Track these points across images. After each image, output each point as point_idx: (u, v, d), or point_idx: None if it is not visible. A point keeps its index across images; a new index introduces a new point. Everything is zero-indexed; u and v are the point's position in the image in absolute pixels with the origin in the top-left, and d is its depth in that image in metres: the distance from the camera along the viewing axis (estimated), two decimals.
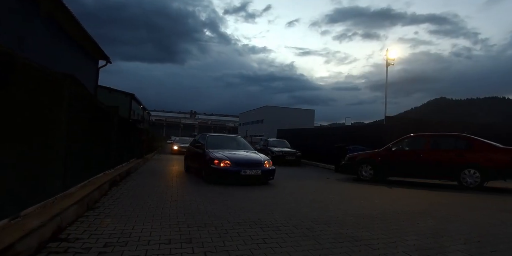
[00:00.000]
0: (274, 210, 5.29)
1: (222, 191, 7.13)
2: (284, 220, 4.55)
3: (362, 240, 3.72)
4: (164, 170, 11.67)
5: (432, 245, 3.60)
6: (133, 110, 32.30)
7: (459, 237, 3.97)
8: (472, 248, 3.54)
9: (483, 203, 6.77)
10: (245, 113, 78.70)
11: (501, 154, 8.69)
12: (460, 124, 15.42)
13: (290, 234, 3.86)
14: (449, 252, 3.37)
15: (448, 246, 3.59)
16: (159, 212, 4.78)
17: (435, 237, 3.95)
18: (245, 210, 5.19)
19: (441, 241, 3.79)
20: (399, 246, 3.53)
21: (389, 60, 18.44)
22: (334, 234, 3.90)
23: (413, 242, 3.71)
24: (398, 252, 3.33)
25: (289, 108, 67.98)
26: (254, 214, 4.87)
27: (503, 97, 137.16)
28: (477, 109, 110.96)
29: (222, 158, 8.52)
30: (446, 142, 9.64)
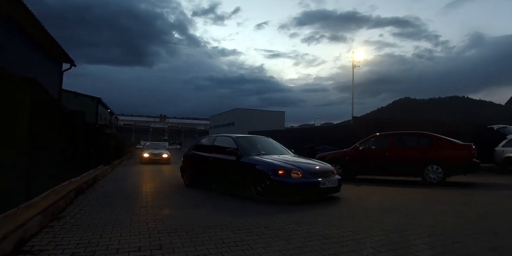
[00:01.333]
0: (247, 212, 5.31)
1: (194, 195, 7.07)
2: (255, 222, 4.58)
3: (332, 238, 3.80)
4: (134, 177, 11.40)
5: (398, 240, 3.72)
6: (100, 114, 31.38)
7: (423, 231, 4.13)
8: (435, 240, 3.70)
9: (446, 197, 7.08)
10: (216, 116, 78.29)
11: (461, 150, 9.14)
12: (423, 123, 16.10)
13: (261, 235, 3.88)
14: (414, 245, 3.51)
15: (413, 239, 3.73)
16: (128, 219, 4.67)
17: (401, 232, 4.10)
18: (216, 213, 5.17)
19: (407, 235, 3.94)
20: (367, 242, 3.63)
21: (355, 62, 18.99)
22: (304, 234, 3.96)
23: (380, 237, 3.83)
24: (366, 248, 3.42)
25: (259, 110, 68.27)
26: (225, 217, 4.86)
27: (463, 96, 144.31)
28: (439, 108, 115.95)
29: (289, 167, 6.43)
30: (410, 140, 10.02)
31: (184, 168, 9.24)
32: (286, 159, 7.11)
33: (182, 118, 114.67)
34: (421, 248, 3.42)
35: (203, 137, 9.64)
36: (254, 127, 33.70)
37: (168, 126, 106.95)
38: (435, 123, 19.58)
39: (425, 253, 3.26)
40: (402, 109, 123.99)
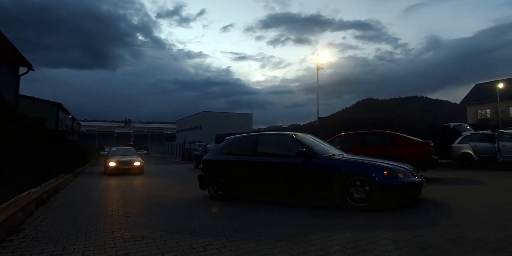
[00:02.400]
0: (217, 215, 5.29)
1: (159, 201, 6.95)
2: (225, 225, 4.58)
3: (300, 236, 3.87)
4: (98, 186, 11.04)
5: (364, 236, 3.86)
6: (60, 120, 30.09)
7: (388, 227, 4.31)
8: (398, 235, 3.86)
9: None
10: (182, 120, 77.24)
11: (420, 147, 9.58)
12: (385, 122, 16.71)
13: (231, 238, 3.89)
14: (378, 241, 3.64)
15: (377, 235, 3.88)
16: (93, 229, 4.53)
17: (367, 229, 4.24)
18: (185, 218, 5.12)
19: (372, 232, 4.08)
20: (335, 240, 3.74)
21: (320, 64, 19.40)
22: (273, 234, 4.00)
23: (348, 234, 3.95)
24: (333, 246, 3.52)
25: (227, 113, 68.10)
26: (195, 222, 4.83)
27: (422, 96, 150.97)
28: (400, 108, 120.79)
29: (392, 167, 5.65)
30: (373, 139, 10.38)
31: (209, 177, 7.30)
32: (366, 157, 6.30)
33: (148, 122, 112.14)
34: (385, 243, 3.56)
35: (234, 138, 7.82)
36: (222, 130, 33.54)
37: (134, 131, 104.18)
38: (396, 122, 20.40)
39: (388, 247, 3.40)
40: (365, 109, 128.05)
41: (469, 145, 13.54)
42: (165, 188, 9.79)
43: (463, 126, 17.16)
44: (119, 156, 15.96)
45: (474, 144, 13.41)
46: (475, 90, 48.03)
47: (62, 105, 30.63)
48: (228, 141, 7.64)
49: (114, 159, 15.10)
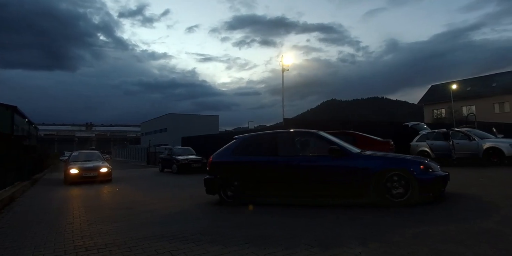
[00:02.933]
0: (179, 220, 5.22)
1: (127, 206, 6.76)
2: (191, 229, 4.52)
3: (270, 237, 3.89)
4: (58, 194, 10.55)
5: (330, 234, 3.94)
6: (16, 125, 28.46)
7: (355, 223, 4.43)
8: (367, 232, 3.97)
9: None
10: (147, 122, 75.47)
11: (381, 146, 9.95)
12: (348, 122, 17.18)
13: (198, 242, 3.85)
14: (345, 239, 3.74)
15: (344, 233, 3.98)
16: (52, 238, 4.32)
17: (333, 227, 4.34)
18: (151, 223, 5.01)
19: (339, 230, 4.18)
20: (302, 239, 3.79)
21: (285, 66, 19.62)
22: (243, 236, 4.01)
23: (316, 233, 4.03)
24: (300, 245, 3.58)
25: (193, 115, 67.29)
26: (160, 227, 4.73)
27: (382, 97, 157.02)
28: (362, 108, 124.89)
29: (423, 161, 5.74)
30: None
31: (221, 180, 6.59)
32: (391, 153, 6.24)
33: (110, 125, 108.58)
34: (351, 240, 3.66)
35: (247, 137, 7.25)
36: (188, 132, 33.12)
37: (96, 135, 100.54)
38: (359, 122, 21.05)
39: (354, 244, 3.51)
40: (329, 110, 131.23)
41: (426, 143, 14.21)
42: (130, 193, 9.52)
43: (420, 125, 18.00)
44: (82, 161, 13.78)
45: (431, 142, 14.09)
46: (431, 91, 50.57)
47: (18, 108, 28.99)
48: (240, 140, 6.99)
49: (76, 166, 12.92)
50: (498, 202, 5.26)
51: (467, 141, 13.29)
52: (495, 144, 12.59)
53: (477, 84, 44.03)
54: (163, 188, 7.32)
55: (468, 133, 13.70)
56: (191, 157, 17.59)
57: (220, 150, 7.05)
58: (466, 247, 3.18)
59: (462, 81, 44.84)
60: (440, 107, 44.65)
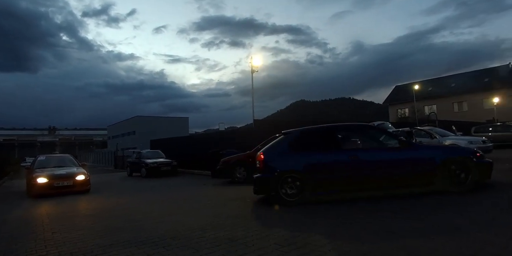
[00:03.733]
0: (149, 225, 5.11)
1: (91, 214, 6.54)
2: (160, 233, 4.44)
3: (239, 239, 3.89)
4: (18, 212, 10.01)
5: (298, 233, 3.99)
6: None
7: (323, 222, 4.51)
8: (333, 229, 4.06)
9: None
10: (114, 125, 73.39)
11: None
12: (317, 122, 17.43)
13: (168, 247, 3.79)
14: (312, 236, 3.81)
15: (311, 232, 4.04)
16: (14, 249, 4.11)
17: (300, 226, 4.40)
18: (117, 230, 4.87)
19: (306, 228, 4.24)
20: (271, 239, 3.82)
21: (254, 67, 19.59)
22: (211, 239, 3.98)
23: (283, 233, 4.07)
24: (270, 245, 3.60)
25: (162, 117, 66.15)
26: (128, 233, 4.61)
27: (349, 97, 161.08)
28: (330, 109, 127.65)
29: (475, 148, 6.84)
30: None
31: (278, 179, 5.97)
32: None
33: (75, 129, 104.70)
34: (318, 238, 3.72)
35: (300, 131, 6.76)
36: (157, 135, 32.46)
37: (60, 139, 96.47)
38: (328, 122, 21.39)
39: (322, 242, 3.57)
40: (299, 110, 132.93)
41: None
42: (94, 198, 9.21)
43: (385, 125, 18.51)
44: (52, 167, 11.14)
45: None
46: (395, 91, 52.43)
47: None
48: (294, 135, 6.55)
49: (44, 173, 10.25)
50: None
51: (429, 139, 13.87)
52: (455, 141, 13.23)
53: (437, 84, 46.16)
54: (130, 193, 7.10)
55: (430, 131, 14.33)
56: (160, 160, 17.27)
57: (272, 147, 6.52)
58: None
59: (424, 82, 46.79)
60: (404, 107, 46.38)
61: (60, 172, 10.59)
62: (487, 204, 4.99)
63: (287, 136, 6.56)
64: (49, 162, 11.85)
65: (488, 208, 4.71)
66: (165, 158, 17.80)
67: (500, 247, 3.07)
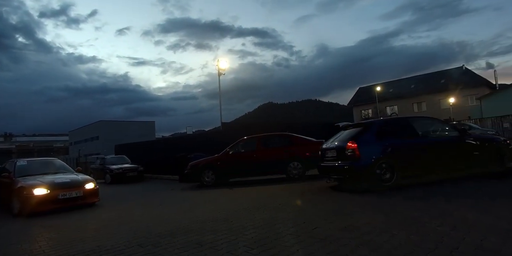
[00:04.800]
0: (116, 232, 4.97)
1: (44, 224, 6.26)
2: (127, 241, 4.33)
3: (207, 243, 3.87)
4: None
5: (268, 234, 4.02)
6: None
7: (289, 222, 4.57)
8: (300, 229, 4.13)
9: (305, 189, 7.91)
10: (76, 131, 70.67)
11: (315, 146, 10.34)
12: (285, 124, 17.67)
13: (134, 254, 3.70)
14: (282, 237, 3.85)
15: (281, 232, 4.09)
16: None
17: (270, 226, 4.44)
18: (78, 240, 4.69)
19: (275, 228, 4.28)
20: (240, 241, 3.82)
21: (221, 70, 19.59)
22: (180, 244, 3.93)
23: (252, 235, 4.08)
24: (239, 247, 3.60)
25: (127, 122, 64.46)
26: (90, 242, 4.46)
27: (316, 99, 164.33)
28: (297, 111, 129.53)
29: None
30: (274, 141, 10.93)
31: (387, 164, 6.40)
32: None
33: (34, 135, 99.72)
34: (287, 238, 3.78)
35: (381, 122, 7.77)
36: (122, 140, 31.58)
37: (16, 146, 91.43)
38: (295, 124, 21.72)
39: (290, 242, 3.62)
40: (266, 113, 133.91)
41: None
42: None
43: None
44: (41, 175, 8.41)
45: None
46: (358, 93, 54.06)
47: None
48: (377, 125, 7.18)
49: (38, 182, 7.73)
50: None
51: None
52: None
53: (398, 86, 48.09)
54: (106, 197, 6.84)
55: None
56: (125, 165, 16.85)
57: (357, 136, 6.87)
58: None
59: (385, 84, 48.63)
60: (367, 108, 47.96)
61: (62, 179, 8.19)
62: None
63: (369, 126, 7.18)
64: (34, 167, 9.00)
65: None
66: (131, 164, 17.39)
67: None
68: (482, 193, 5.43)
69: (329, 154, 7.20)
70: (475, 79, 41.44)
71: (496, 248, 2.88)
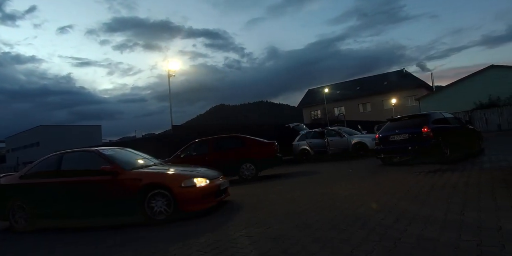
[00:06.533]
0: None
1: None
2: None
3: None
4: None
5: (220, 238, 4.00)
6: None
7: (240, 223, 4.59)
8: (252, 230, 4.14)
9: (258, 189, 8.02)
10: (14, 137, 65.59)
11: (267, 147, 10.51)
12: (238, 126, 17.74)
13: None
14: (234, 238, 3.84)
15: (233, 233, 4.09)
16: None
17: (222, 227, 4.42)
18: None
19: (227, 226, 4.28)
20: (193, 245, 3.77)
21: (171, 72, 19.17)
22: None
23: (204, 239, 4.04)
24: (191, 249, 3.54)
25: (70, 126, 61.19)
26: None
27: (267, 101, 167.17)
28: (249, 112, 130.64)
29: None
30: (226, 143, 10.88)
31: None
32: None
33: None
34: (241, 240, 3.79)
35: (435, 113, 9.99)
36: (65, 145, 29.78)
37: None
38: (247, 125, 21.92)
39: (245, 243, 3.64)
40: (218, 115, 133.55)
41: (306, 142, 15.58)
42: None
43: (300, 126, 19.69)
44: (150, 166, 6.30)
45: (310, 141, 15.51)
46: (308, 94, 55.78)
47: None
48: (433, 116, 9.52)
49: (188, 172, 6.07)
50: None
51: (339, 138, 15.04)
52: (361, 139, 14.56)
53: (345, 87, 50.40)
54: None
55: (339, 131, 15.56)
56: None
57: (425, 123, 8.90)
58: None
59: (333, 85, 50.67)
60: (316, 109, 49.58)
61: (200, 169, 6.60)
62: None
63: (428, 116, 9.37)
64: (128, 157, 6.64)
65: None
66: None
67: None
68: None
69: (396, 138, 9.12)
70: (414, 81, 44.61)
71: (435, 237, 3.10)
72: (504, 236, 2.82)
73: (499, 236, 2.85)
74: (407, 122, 9.49)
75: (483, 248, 2.64)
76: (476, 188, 4.96)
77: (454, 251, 2.68)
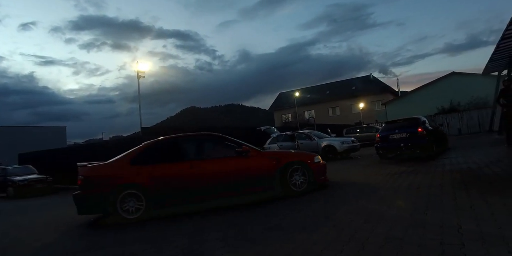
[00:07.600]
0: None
1: None
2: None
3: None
4: None
5: (195, 242, 3.99)
6: None
7: (219, 224, 4.59)
8: (225, 228, 4.15)
9: None
10: None
11: None
12: (208, 129, 17.58)
13: None
14: (208, 240, 3.84)
15: (207, 232, 4.08)
16: None
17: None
18: None
19: (200, 225, 4.26)
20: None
21: (140, 73, 18.78)
22: None
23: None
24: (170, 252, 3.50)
25: (32, 127, 58.23)
26: None
27: (238, 104, 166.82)
28: (221, 115, 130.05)
29: None
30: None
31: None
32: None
33: None
34: (212, 236, 3.79)
35: (422, 117, 11.97)
36: (27, 147, 28.39)
37: None
38: (218, 128, 21.78)
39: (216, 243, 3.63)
40: (189, 117, 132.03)
41: (277, 145, 15.74)
42: None
43: (271, 129, 19.88)
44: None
45: (281, 144, 15.67)
46: (279, 98, 56.27)
47: None
48: (421, 119, 11.17)
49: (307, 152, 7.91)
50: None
51: (309, 141, 15.30)
52: (330, 142, 14.86)
53: (315, 92, 51.28)
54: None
55: (309, 134, 15.82)
56: (31, 176, 15.21)
57: (419, 124, 10.47)
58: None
59: (303, 89, 51.34)
60: (287, 112, 50.09)
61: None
62: None
63: (419, 119, 10.95)
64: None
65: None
66: (38, 174, 15.75)
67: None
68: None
69: (395, 137, 10.47)
70: (380, 86, 46.15)
71: (401, 236, 3.23)
72: (464, 235, 2.98)
73: (459, 234, 3.01)
74: (403, 123, 10.94)
75: (445, 246, 2.77)
76: (439, 189, 5.20)
77: (419, 249, 2.80)
